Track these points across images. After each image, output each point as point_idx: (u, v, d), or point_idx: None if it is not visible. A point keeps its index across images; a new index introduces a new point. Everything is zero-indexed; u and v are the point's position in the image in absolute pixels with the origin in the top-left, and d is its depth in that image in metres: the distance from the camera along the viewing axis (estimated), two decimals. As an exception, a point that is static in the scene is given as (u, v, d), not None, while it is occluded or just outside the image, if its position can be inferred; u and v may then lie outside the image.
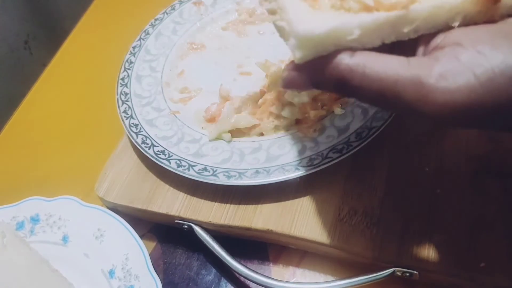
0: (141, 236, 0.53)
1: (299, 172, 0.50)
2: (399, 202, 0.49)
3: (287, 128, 0.55)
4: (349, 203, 0.50)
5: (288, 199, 0.52)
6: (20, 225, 0.55)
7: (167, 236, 0.56)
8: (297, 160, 0.51)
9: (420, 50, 0.35)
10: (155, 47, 0.66)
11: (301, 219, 0.50)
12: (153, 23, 0.68)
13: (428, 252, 0.46)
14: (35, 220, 0.55)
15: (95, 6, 0.84)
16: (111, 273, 0.51)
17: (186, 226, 0.53)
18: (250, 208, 0.52)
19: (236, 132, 0.56)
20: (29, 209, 0.55)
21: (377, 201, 0.50)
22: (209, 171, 0.52)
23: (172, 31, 0.67)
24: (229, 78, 0.62)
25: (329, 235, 0.49)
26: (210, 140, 0.56)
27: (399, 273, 0.46)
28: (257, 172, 0.51)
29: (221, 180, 0.51)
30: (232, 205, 0.52)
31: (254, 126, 0.56)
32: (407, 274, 0.46)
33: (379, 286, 0.47)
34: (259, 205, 0.52)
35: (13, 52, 0.90)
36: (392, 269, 0.46)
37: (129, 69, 0.63)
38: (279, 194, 0.52)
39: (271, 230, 0.50)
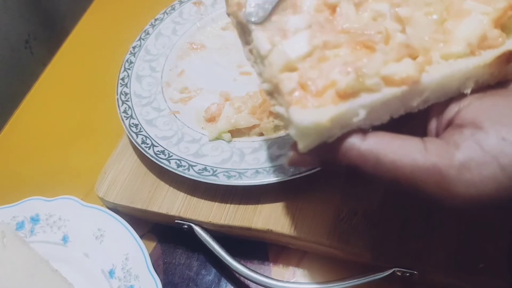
0: (141, 236, 0.53)
1: (299, 172, 0.50)
2: (398, 203, 0.49)
3: (287, 128, 0.55)
4: (349, 203, 0.50)
5: (288, 199, 0.51)
6: (20, 225, 0.55)
7: (167, 236, 0.56)
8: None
9: (433, 123, 0.33)
10: (155, 47, 0.66)
11: (301, 219, 0.50)
12: (153, 23, 0.68)
13: (428, 252, 0.46)
14: (35, 220, 0.55)
15: (95, 6, 0.84)
16: (111, 273, 0.51)
17: (186, 226, 0.53)
18: (250, 208, 0.52)
19: (236, 132, 0.56)
20: (29, 209, 0.55)
21: (377, 202, 0.50)
22: (209, 171, 0.52)
23: (172, 31, 0.67)
24: (229, 78, 0.62)
25: (329, 235, 0.49)
26: (210, 140, 0.55)
27: (399, 273, 0.46)
28: (257, 172, 0.51)
29: (221, 180, 0.51)
30: (232, 205, 0.52)
31: (254, 126, 0.56)
32: (407, 274, 0.46)
33: (379, 286, 0.47)
34: (259, 205, 0.52)
35: (14, 51, 0.90)
36: (392, 269, 0.46)
37: (129, 69, 0.63)
38: (279, 194, 0.52)
39: (271, 230, 0.50)
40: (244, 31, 0.37)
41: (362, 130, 0.31)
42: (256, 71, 0.36)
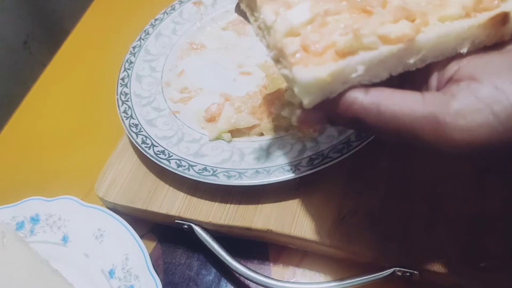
0: (141, 236, 0.53)
1: (299, 172, 0.50)
2: (399, 202, 0.49)
3: (287, 128, 0.55)
4: (350, 203, 0.50)
5: (288, 199, 0.52)
6: (20, 225, 0.55)
7: (167, 236, 0.56)
8: (297, 160, 0.51)
9: (433, 79, 0.34)
10: (155, 47, 0.66)
11: (301, 219, 0.50)
12: (153, 23, 0.68)
13: (428, 252, 0.46)
14: (35, 220, 0.55)
15: (95, 6, 0.84)
16: (111, 273, 0.51)
17: (186, 226, 0.53)
18: (250, 208, 0.52)
19: (236, 132, 0.56)
20: (29, 209, 0.55)
21: (378, 201, 0.50)
22: (209, 171, 0.52)
23: (172, 31, 0.67)
24: (229, 78, 0.62)
25: (329, 235, 0.49)
26: (210, 140, 0.56)
27: (399, 273, 0.46)
28: (257, 172, 0.51)
29: (221, 180, 0.51)
30: (232, 205, 0.52)
31: (254, 126, 0.56)
32: (407, 274, 0.46)
33: (379, 286, 0.47)
34: (259, 205, 0.52)
35: (13, 52, 0.90)
36: (392, 269, 0.46)
37: (129, 69, 0.63)
38: (279, 194, 0.52)
39: (271, 230, 0.50)
40: (252, 9, 0.39)
41: (364, 86, 0.32)
42: (264, 44, 0.38)
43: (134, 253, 0.51)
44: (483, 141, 0.29)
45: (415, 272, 0.45)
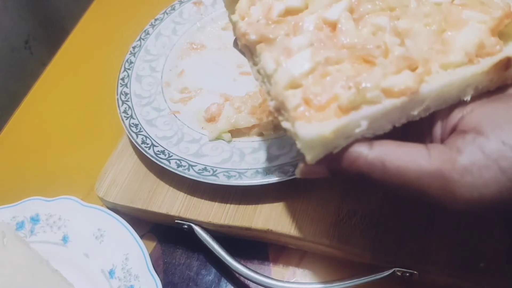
0: (141, 236, 0.53)
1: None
2: (398, 202, 0.49)
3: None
4: (349, 203, 0.50)
5: (288, 199, 0.52)
6: (20, 225, 0.55)
7: (167, 236, 0.56)
8: (297, 160, 0.51)
9: (438, 128, 0.33)
10: (155, 47, 0.66)
11: (301, 219, 0.50)
12: (153, 23, 0.68)
13: (428, 252, 0.46)
14: (35, 220, 0.55)
15: (95, 6, 0.84)
16: (111, 273, 0.51)
17: (186, 226, 0.53)
18: (250, 208, 0.52)
19: (236, 132, 0.56)
20: (29, 209, 0.55)
21: (377, 201, 0.50)
22: (209, 171, 0.52)
23: (172, 31, 0.67)
24: (229, 78, 0.62)
25: (329, 235, 0.49)
26: (210, 140, 0.56)
27: (399, 273, 0.46)
28: (257, 172, 0.51)
29: (221, 180, 0.51)
30: (232, 205, 0.52)
31: (254, 126, 0.56)
32: (407, 274, 0.46)
33: (379, 286, 0.47)
34: (259, 205, 0.52)
35: (14, 52, 0.90)
36: (392, 269, 0.46)
37: (129, 69, 0.63)
38: (279, 194, 0.52)
39: (271, 230, 0.50)
40: (251, 52, 0.38)
41: (367, 139, 0.32)
42: (264, 90, 0.37)
43: (134, 253, 0.51)
44: (492, 198, 0.28)
45: (415, 272, 0.45)
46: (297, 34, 0.36)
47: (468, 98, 0.33)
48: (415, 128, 0.34)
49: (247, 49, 0.38)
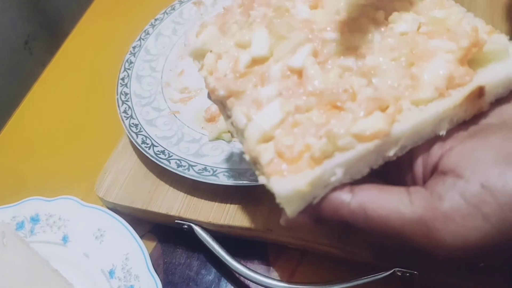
0: (141, 236, 0.53)
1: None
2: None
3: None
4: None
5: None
6: (20, 225, 0.55)
7: (167, 236, 0.56)
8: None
9: (418, 166, 0.33)
10: (155, 47, 0.66)
11: (301, 219, 0.50)
12: (153, 23, 0.68)
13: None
14: (35, 220, 0.55)
15: (95, 6, 0.84)
16: (111, 273, 0.51)
17: (186, 226, 0.53)
18: (250, 208, 0.52)
19: (236, 132, 0.56)
20: (29, 209, 0.55)
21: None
22: (209, 171, 0.52)
23: (172, 31, 0.67)
24: (229, 78, 0.62)
25: (329, 235, 0.49)
26: (210, 140, 0.56)
27: (399, 273, 0.46)
28: (257, 172, 0.51)
29: (221, 180, 0.51)
30: (232, 205, 0.52)
31: (254, 126, 0.55)
32: (407, 274, 0.46)
33: (379, 286, 0.46)
34: (259, 205, 0.52)
35: (13, 52, 0.90)
36: (392, 269, 0.46)
37: (129, 69, 0.63)
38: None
39: (271, 230, 0.50)
40: (223, 106, 0.38)
41: (347, 184, 0.31)
42: (240, 142, 0.37)
43: (134, 253, 0.51)
44: (476, 245, 0.28)
45: (415, 272, 0.45)
46: (265, 84, 0.35)
47: (443, 132, 0.32)
48: (396, 166, 0.33)
49: (219, 102, 0.38)
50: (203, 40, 0.40)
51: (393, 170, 0.33)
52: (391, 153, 0.32)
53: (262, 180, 0.33)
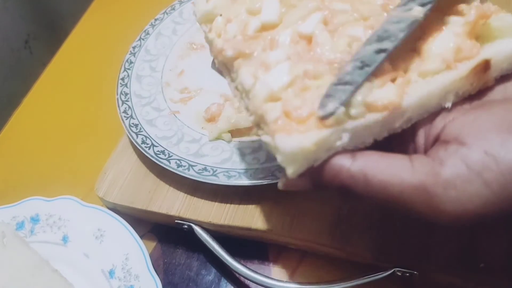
0: (141, 236, 0.53)
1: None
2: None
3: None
4: (349, 203, 0.50)
5: (288, 199, 0.51)
6: (20, 225, 0.55)
7: (167, 236, 0.56)
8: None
9: (420, 137, 0.33)
10: (155, 47, 0.66)
11: (301, 219, 0.50)
12: (153, 23, 0.68)
13: (428, 253, 0.46)
14: (35, 220, 0.55)
15: (95, 6, 0.84)
16: (111, 273, 0.51)
17: (186, 226, 0.53)
18: (250, 208, 0.52)
19: (236, 132, 0.56)
20: (29, 209, 0.55)
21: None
22: (209, 171, 0.52)
23: (172, 31, 0.67)
24: (229, 78, 0.62)
25: (329, 235, 0.49)
26: (210, 140, 0.56)
27: (399, 273, 0.46)
28: (257, 172, 0.51)
29: (221, 180, 0.51)
30: (232, 205, 0.52)
31: (254, 126, 0.55)
32: (407, 274, 0.46)
33: (379, 286, 0.47)
34: (259, 205, 0.52)
35: (14, 52, 0.90)
36: (392, 269, 0.46)
37: (129, 69, 0.63)
38: (279, 194, 0.51)
39: (271, 230, 0.50)
40: (228, 69, 0.38)
41: (349, 151, 0.31)
42: (243, 106, 0.37)
43: (134, 253, 0.51)
44: (477, 211, 0.28)
45: (415, 272, 0.45)
46: (274, 49, 0.35)
47: (449, 104, 0.33)
48: (398, 137, 0.33)
49: (224, 66, 0.38)
50: (213, 4, 0.40)
51: (396, 141, 0.33)
52: (397, 124, 0.32)
53: (266, 138, 0.33)
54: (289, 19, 0.36)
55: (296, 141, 0.30)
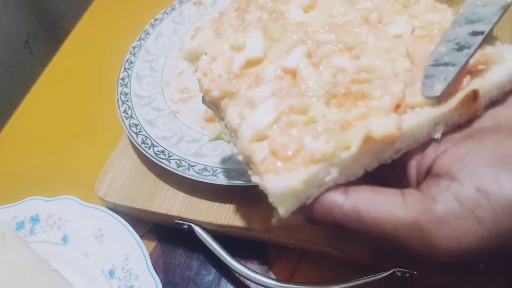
0: (141, 236, 0.53)
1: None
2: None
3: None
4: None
5: (288, 199, 0.51)
6: (20, 225, 0.55)
7: (167, 236, 0.56)
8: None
9: (412, 168, 0.33)
10: (155, 47, 0.66)
11: (301, 219, 0.50)
12: (153, 23, 0.68)
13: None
14: (35, 220, 0.55)
15: (95, 6, 0.84)
16: (111, 273, 0.51)
17: (186, 226, 0.53)
18: (249, 208, 0.52)
19: (236, 132, 0.56)
20: (29, 209, 0.55)
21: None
22: (209, 171, 0.52)
23: (172, 31, 0.67)
24: (229, 78, 0.62)
25: (328, 235, 0.49)
26: (210, 140, 0.56)
27: (399, 273, 0.46)
28: (257, 172, 0.51)
29: (221, 180, 0.51)
30: (232, 205, 0.52)
31: (254, 126, 0.55)
32: (407, 274, 0.46)
33: (379, 286, 0.47)
34: (259, 205, 0.52)
35: (14, 52, 0.90)
36: (392, 269, 0.46)
37: (129, 69, 0.63)
38: (279, 194, 0.52)
39: (270, 230, 0.50)
40: (217, 108, 0.37)
41: (341, 185, 0.31)
42: (234, 144, 0.37)
43: (134, 253, 0.51)
44: (471, 248, 0.28)
45: (415, 272, 0.45)
46: (259, 85, 0.35)
47: (438, 135, 0.32)
48: (390, 169, 0.33)
49: (213, 105, 0.38)
50: (197, 42, 0.40)
51: (387, 173, 0.33)
52: (387, 155, 0.32)
53: (255, 179, 0.32)
54: (273, 54, 0.36)
55: (285, 181, 0.30)
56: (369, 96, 0.32)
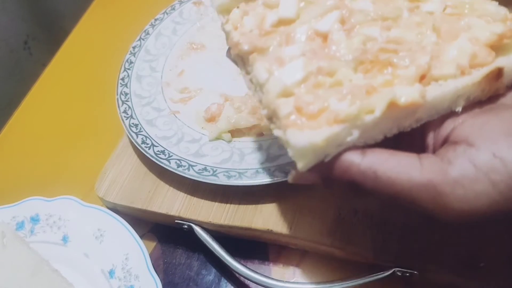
0: (141, 236, 0.53)
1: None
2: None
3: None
4: (350, 203, 0.50)
5: (288, 199, 0.52)
6: (20, 225, 0.55)
7: (167, 236, 0.56)
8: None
9: (430, 138, 0.34)
10: (155, 47, 0.66)
11: (301, 219, 0.50)
12: (153, 23, 0.68)
13: (428, 252, 0.46)
14: (35, 220, 0.55)
15: (95, 6, 0.84)
16: (111, 273, 0.51)
17: (186, 226, 0.53)
18: (250, 208, 0.52)
19: (236, 132, 0.56)
20: (29, 209, 0.55)
21: (378, 201, 0.50)
22: (209, 171, 0.52)
23: (172, 31, 0.67)
24: (229, 78, 0.62)
25: (329, 235, 0.49)
26: (210, 140, 0.56)
27: (399, 273, 0.46)
28: (257, 172, 0.51)
29: (221, 180, 0.51)
30: (232, 205, 0.52)
31: (254, 126, 0.56)
32: (407, 274, 0.46)
33: (379, 286, 0.47)
34: (259, 205, 0.52)
35: (13, 52, 0.90)
36: (392, 269, 0.46)
37: (129, 69, 0.63)
38: (279, 194, 0.52)
39: (271, 230, 0.50)
40: (244, 62, 0.38)
41: (359, 147, 0.32)
42: (257, 99, 0.37)
43: (134, 253, 0.51)
44: (482, 211, 0.29)
45: (415, 272, 0.45)
46: (289, 44, 0.36)
47: (459, 108, 0.33)
48: (408, 137, 0.34)
49: (240, 58, 0.38)
50: None
51: (405, 141, 0.34)
52: (407, 123, 0.33)
53: (277, 132, 0.33)
54: (306, 16, 0.37)
55: (307, 136, 0.30)
56: (396, 65, 0.33)
